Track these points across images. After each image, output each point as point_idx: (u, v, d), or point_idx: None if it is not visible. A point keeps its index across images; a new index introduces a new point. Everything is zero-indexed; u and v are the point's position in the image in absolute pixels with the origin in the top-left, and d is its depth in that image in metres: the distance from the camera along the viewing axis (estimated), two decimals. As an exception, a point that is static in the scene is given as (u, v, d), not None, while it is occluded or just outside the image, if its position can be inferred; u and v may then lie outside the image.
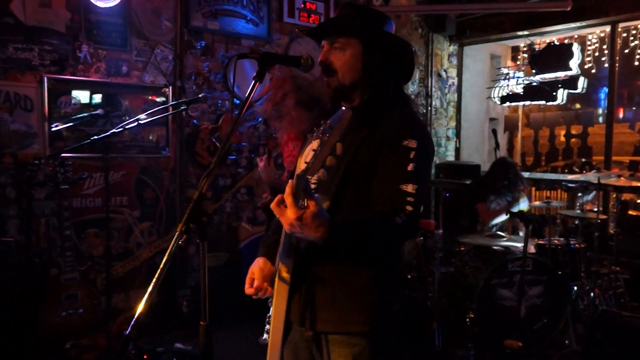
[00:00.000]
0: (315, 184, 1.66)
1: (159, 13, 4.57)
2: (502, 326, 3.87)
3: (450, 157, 7.17)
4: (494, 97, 6.95)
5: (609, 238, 5.03)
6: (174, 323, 4.53)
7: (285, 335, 1.74)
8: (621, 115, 7.28)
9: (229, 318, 4.45)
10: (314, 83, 3.18)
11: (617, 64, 5.89)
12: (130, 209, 4.52)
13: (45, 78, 4.01)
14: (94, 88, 4.28)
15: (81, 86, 4.22)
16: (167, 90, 4.63)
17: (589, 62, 6.45)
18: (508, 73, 6.85)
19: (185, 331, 4.36)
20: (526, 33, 6.37)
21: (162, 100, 4.62)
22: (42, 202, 4.04)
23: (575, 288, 4.36)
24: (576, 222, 4.77)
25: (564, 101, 6.34)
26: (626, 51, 6.15)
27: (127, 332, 1.37)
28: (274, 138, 3.58)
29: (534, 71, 6.43)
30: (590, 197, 5.42)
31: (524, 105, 7.45)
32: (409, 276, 4.39)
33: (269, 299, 1.91)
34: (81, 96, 4.22)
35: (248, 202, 5.19)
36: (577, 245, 4.41)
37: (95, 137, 3.43)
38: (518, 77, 6.71)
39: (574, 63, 6.11)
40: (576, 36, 6.47)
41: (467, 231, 4.81)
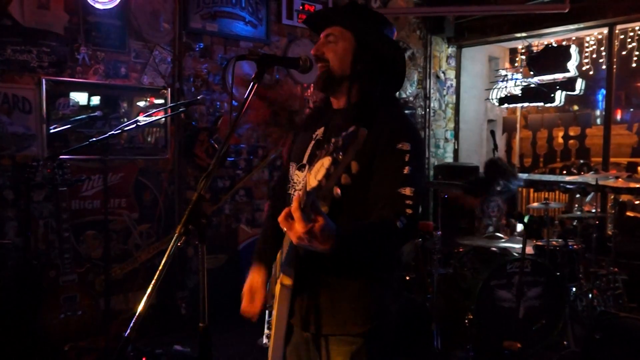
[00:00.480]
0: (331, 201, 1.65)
1: (158, 15, 4.57)
2: (501, 327, 3.87)
3: (448, 159, 7.17)
4: (492, 99, 6.95)
5: (607, 239, 5.02)
6: (173, 325, 4.52)
7: (287, 339, 1.78)
8: (619, 116, 7.27)
9: (228, 320, 4.44)
10: (278, 91, 3.42)
11: (615, 66, 5.90)
12: (128, 211, 4.52)
13: (43, 80, 4.01)
14: (93, 90, 4.28)
15: (80, 88, 4.22)
16: (166, 92, 4.63)
17: (587, 64, 6.46)
18: (506, 75, 6.86)
19: (184, 333, 4.35)
20: (524, 35, 6.38)
21: (161, 102, 4.62)
22: (41, 204, 4.04)
23: (573, 289, 4.37)
24: (574, 224, 4.77)
25: (562, 103, 6.35)
26: (624, 53, 6.16)
27: (126, 334, 1.37)
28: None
29: (532, 73, 6.44)
30: (588, 199, 5.42)
31: (522, 106, 7.46)
32: (408, 277, 4.39)
33: (268, 304, 1.92)
34: (79, 98, 4.22)
35: (247, 204, 5.19)
36: (576, 246, 4.41)
37: (93, 139, 3.42)
38: (516, 79, 6.71)
39: (572, 65, 6.12)
40: (574, 38, 6.49)
41: (466, 232, 4.81)
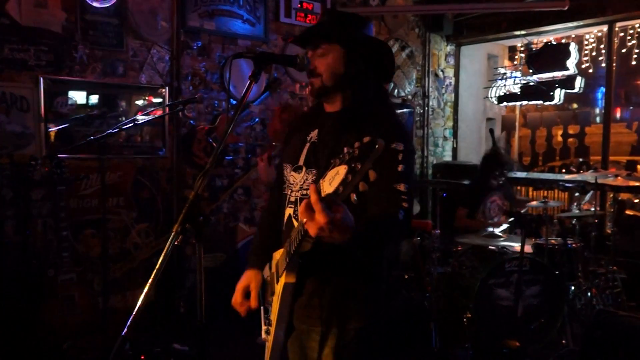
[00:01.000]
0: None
1: (155, 13, 4.56)
2: (500, 326, 3.88)
3: (447, 157, 7.17)
4: (491, 97, 6.95)
5: (606, 238, 5.03)
6: (171, 323, 4.52)
7: (287, 335, 1.86)
8: (618, 115, 7.28)
9: (226, 318, 4.44)
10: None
11: (615, 64, 5.90)
12: (127, 210, 4.51)
13: (41, 78, 4.01)
14: (90, 88, 4.27)
15: (77, 86, 4.21)
16: (164, 90, 4.62)
17: (586, 62, 6.45)
18: (505, 73, 6.85)
19: (182, 331, 4.35)
20: (523, 33, 6.37)
21: (159, 100, 4.62)
22: (39, 203, 4.04)
23: (572, 288, 4.37)
24: (573, 222, 4.77)
25: (561, 101, 6.34)
26: (623, 51, 6.15)
27: (124, 333, 1.37)
28: (273, 147, 3.68)
29: (531, 71, 6.43)
30: (587, 197, 5.42)
31: (521, 105, 7.46)
32: (407, 276, 4.40)
33: (266, 301, 1.95)
34: (77, 97, 4.22)
35: (245, 203, 5.18)
36: (574, 245, 4.41)
37: (91, 138, 3.41)
38: (515, 77, 6.71)
39: (571, 63, 6.11)
40: (573, 36, 6.47)
41: (464, 231, 4.81)
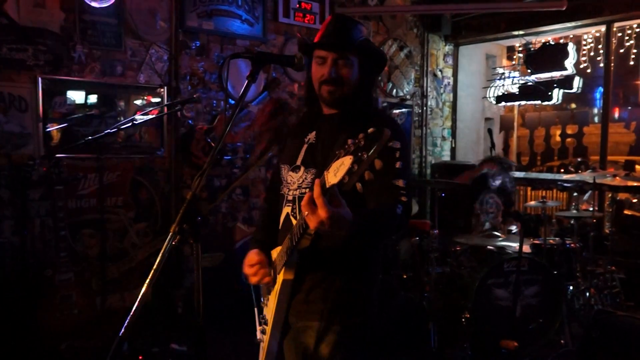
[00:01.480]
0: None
1: (154, 13, 4.56)
2: (498, 326, 3.88)
3: (445, 157, 7.17)
4: (490, 97, 6.95)
5: (605, 238, 5.03)
6: (170, 323, 4.52)
7: (284, 333, 1.90)
8: (616, 115, 7.29)
9: (224, 318, 4.44)
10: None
11: (613, 64, 5.90)
12: (125, 210, 4.50)
13: (39, 78, 4.00)
14: (89, 88, 4.27)
15: (76, 86, 4.21)
16: (162, 90, 4.62)
17: (584, 62, 6.46)
18: (503, 73, 6.86)
19: (180, 331, 4.35)
20: (521, 33, 6.38)
21: (157, 100, 4.61)
22: (37, 203, 4.03)
23: (570, 288, 4.37)
24: (572, 222, 4.78)
25: (560, 101, 6.35)
26: (621, 51, 6.17)
27: (121, 333, 1.37)
28: None
29: (530, 71, 6.44)
30: (586, 197, 5.43)
31: (520, 105, 7.46)
32: (405, 276, 4.40)
33: (262, 300, 1.96)
34: (76, 96, 4.21)
35: (243, 203, 5.18)
36: (573, 244, 4.41)
37: (89, 138, 3.42)
38: (513, 77, 6.71)
39: (569, 63, 6.12)
40: (571, 36, 6.48)
41: (463, 231, 4.81)
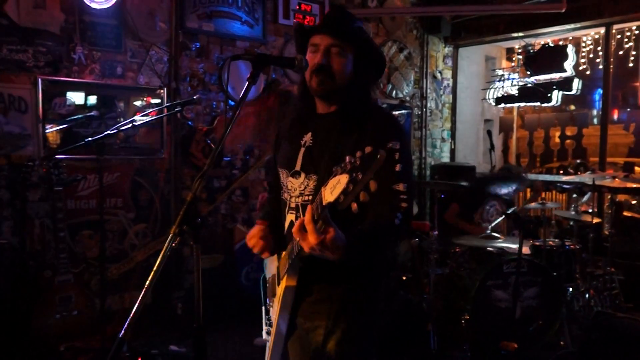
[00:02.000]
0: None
1: (154, 14, 4.56)
2: (498, 327, 3.87)
3: (445, 159, 7.17)
4: (489, 99, 6.96)
5: (604, 239, 5.04)
6: (169, 325, 4.51)
7: (288, 335, 1.88)
8: (616, 116, 7.30)
9: (224, 319, 4.45)
10: None
11: (612, 66, 5.91)
12: (124, 211, 4.50)
13: (39, 79, 4.00)
14: (89, 89, 4.27)
15: (76, 87, 4.20)
16: (162, 91, 4.62)
17: (584, 64, 6.47)
18: (503, 74, 6.87)
19: (179, 333, 4.35)
20: (521, 34, 6.39)
21: (157, 101, 4.61)
22: (36, 204, 4.03)
23: (570, 289, 4.37)
24: (571, 224, 4.78)
25: (559, 102, 6.36)
26: (620, 53, 6.17)
27: (121, 334, 1.37)
28: None
29: (529, 73, 6.45)
30: (585, 199, 5.43)
31: (519, 106, 7.47)
32: (404, 277, 4.39)
33: (268, 302, 1.95)
34: (76, 98, 4.21)
35: (243, 204, 5.18)
36: (572, 246, 4.41)
37: (89, 139, 3.41)
38: (513, 79, 6.72)
39: (569, 64, 6.13)
40: (571, 38, 6.49)
41: (463, 232, 4.81)
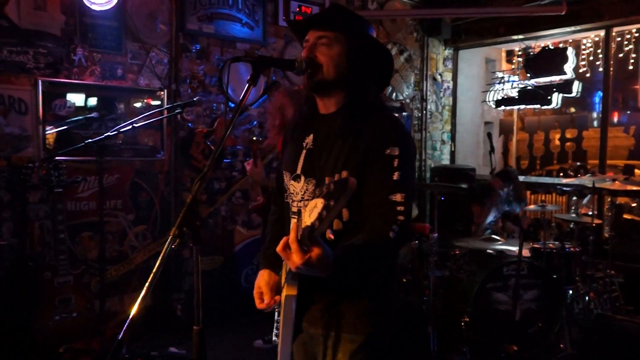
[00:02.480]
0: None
1: (154, 16, 4.56)
2: (498, 330, 3.87)
3: (445, 161, 7.18)
4: (489, 101, 6.96)
5: (604, 242, 5.03)
6: (168, 327, 4.51)
7: (293, 340, 1.80)
8: (616, 119, 7.28)
9: (224, 322, 4.44)
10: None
11: (612, 68, 5.91)
12: (124, 213, 4.50)
13: (39, 81, 4.00)
14: (89, 91, 4.27)
15: (76, 89, 4.21)
16: (162, 93, 4.62)
17: (584, 66, 6.47)
18: (503, 77, 6.87)
19: (179, 335, 4.34)
20: (521, 37, 6.39)
21: (157, 103, 4.62)
22: (36, 206, 4.03)
23: (570, 292, 4.37)
24: (571, 226, 4.77)
25: (559, 105, 6.36)
26: (620, 55, 6.18)
27: (120, 336, 1.36)
28: (258, 141, 3.67)
29: (529, 75, 6.45)
30: (585, 201, 5.43)
31: (519, 109, 7.47)
32: (404, 280, 4.39)
33: (276, 306, 1.94)
34: (76, 99, 4.21)
35: (243, 206, 5.18)
36: (572, 249, 4.40)
37: (89, 140, 3.41)
38: (513, 81, 6.73)
39: (569, 67, 6.13)
40: (571, 40, 6.50)
41: (462, 235, 4.81)
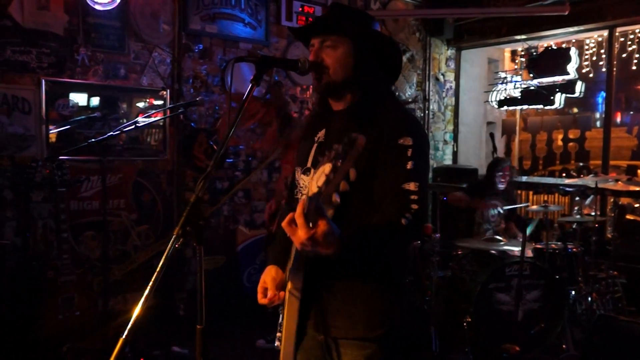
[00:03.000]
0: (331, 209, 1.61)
1: (157, 16, 4.57)
2: (500, 330, 3.87)
3: (447, 161, 7.17)
4: (492, 101, 6.95)
5: (607, 242, 5.02)
6: (171, 326, 4.51)
7: (297, 343, 1.76)
8: (619, 119, 7.28)
9: (226, 321, 4.45)
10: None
11: (615, 68, 5.90)
12: (127, 212, 4.51)
13: (43, 81, 4.02)
14: (92, 91, 4.28)
15: (79, 89, 4.22)
16: (165, 93, 4.63)
17: (587, 67, 6.46)
18: (506, 77, 6.86)
19: (182, 334, 4.34)
20: (524, 37, 6.39)
21: (160, 103, 4.62)
22: (40, 205, 4.04)
23: (572, 292, 4.36)
24: (574, 226, 4.77)
25: (562, 105, 6.35)
26: (624, 55, 6.16)
27: (124, 336, 1.37)
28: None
29: (532, 75, 6.44)
30: (588, 202, 5.42)
31: (522, 109, 7.46)
32: (407, 280, 4.39)
33: (280, 307, 1.91)
34: (79, 99, 4.22)
35: (245, 205, 5.19)
36: (575, 249, 4.40)
37: (92, 140, 3.42)
38: (515, 81, 6.71)
39: (572, 67, 6.12)
40: (574, 40, 6.49)
41: (465, 235, 4.81)
